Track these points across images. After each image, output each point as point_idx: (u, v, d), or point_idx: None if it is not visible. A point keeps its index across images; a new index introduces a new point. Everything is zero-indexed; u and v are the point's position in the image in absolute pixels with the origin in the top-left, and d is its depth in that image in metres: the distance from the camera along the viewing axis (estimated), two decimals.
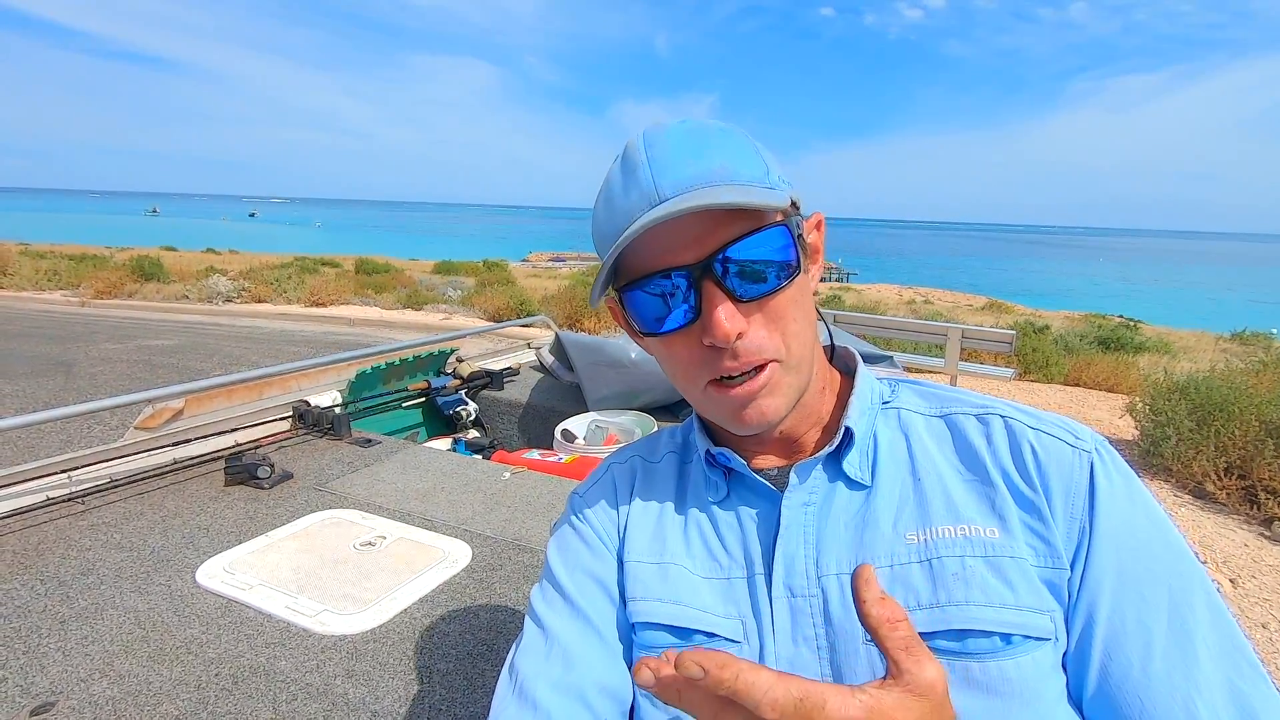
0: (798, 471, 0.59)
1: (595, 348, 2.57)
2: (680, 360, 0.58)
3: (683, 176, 0.53)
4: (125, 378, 6.48)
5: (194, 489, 1.73)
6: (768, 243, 0.54)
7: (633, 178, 0.55)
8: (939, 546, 0.54)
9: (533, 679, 0.58)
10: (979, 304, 19.45)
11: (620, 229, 0.54)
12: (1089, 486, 0.53)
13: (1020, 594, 0.51)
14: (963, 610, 0.51)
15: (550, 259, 37.40)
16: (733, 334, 0.53)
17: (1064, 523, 0.53)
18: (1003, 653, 0.50)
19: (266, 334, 9.64)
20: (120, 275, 13.73)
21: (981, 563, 0.52)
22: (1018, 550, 0.52)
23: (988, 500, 0.55)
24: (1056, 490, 0.54)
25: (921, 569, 0.53)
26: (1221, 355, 8.54)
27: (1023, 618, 0.50)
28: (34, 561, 1.36)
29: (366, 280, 14.27)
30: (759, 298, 0.54)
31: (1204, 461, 4.02)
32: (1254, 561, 3.31)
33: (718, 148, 0.55)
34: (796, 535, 0.58)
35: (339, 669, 1.06)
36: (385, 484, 1.79)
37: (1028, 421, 0.58)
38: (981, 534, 0.53)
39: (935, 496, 0.56)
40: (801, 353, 0.57)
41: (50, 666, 1.05)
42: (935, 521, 0.55)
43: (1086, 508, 0.53)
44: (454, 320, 11.25)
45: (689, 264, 0.54)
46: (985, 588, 0.51)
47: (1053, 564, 0.52)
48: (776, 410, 0.57)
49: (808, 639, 0.55)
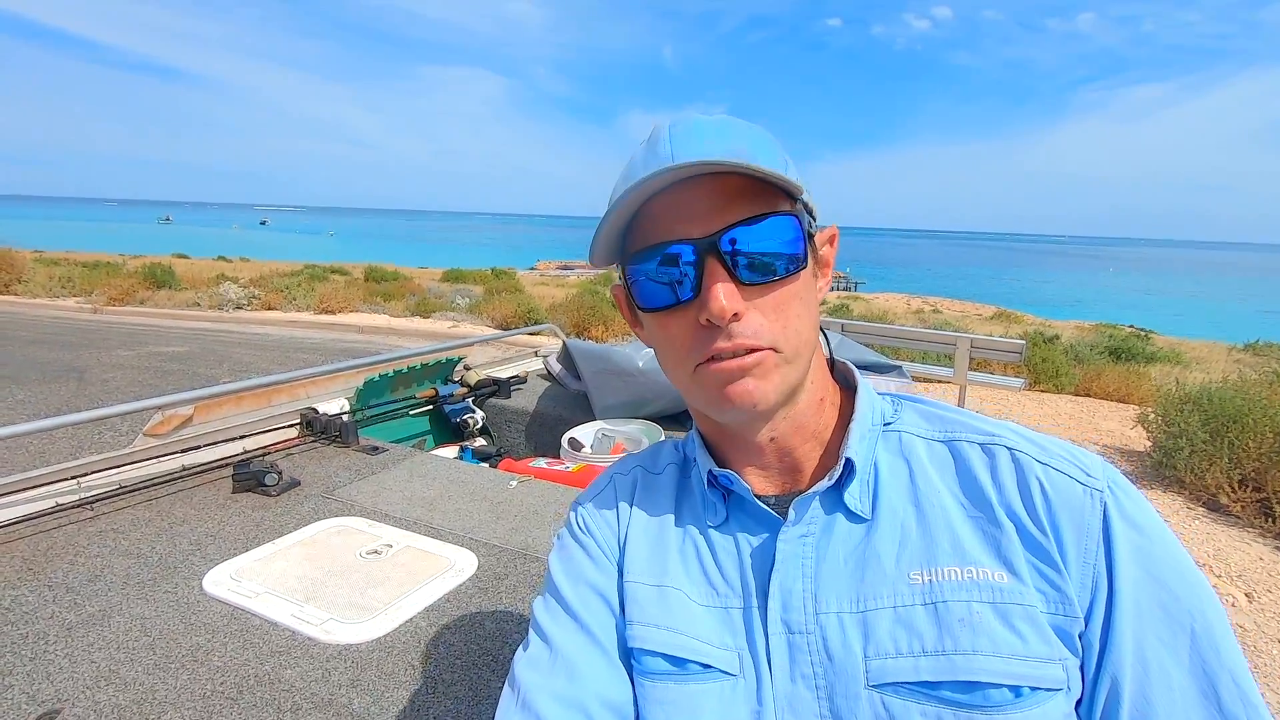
0: (796, 507, 0.57)
1: (603, 356, 2.57)
2: (674, 340, 0.57)
3: (702, 151, 0.52)
4: (136, 384, 6.53)
5: (202, 496, 1.73)
6: (776, 231, 0.54)
7: (653, 151, 0.54)
8: (945, 590, 0.52)
9: (535, 691, 0.58)
10: (988, 313, 19.37)
11: (629, 188, 0.53)
12: (1103, 531, 0.51)
13: (1030, 643, 0.49)
14: (969, 660, 0.49)
15: (558, 267, 37.54)
16: (729, 312, 0.52)
17: (1077, 569, 0.51)
18: (1012, 705, 0.48)
19: (276, 341, 9.70)
20: (132, 283, 13.88)
21: (989, 609, 0.50)
22: (1027, 597, 0.50)
23: (994, 542, 0.53)
24: (1068, 534, 0.52)
25: (926, 612, 0.52)
26: (1234, 366, 8.46)
27: (1032, 668, 0.49)
28: (42, 567, 1.36)
29: (375, 288, 14.36)
30: (761, 284, 0.54)
31: (1218, 474, 3.97)
32: (1269, 575, 3.26)
33: (741, 135, 0.55)
34: (794, 569, 0.56)
35: (344, 678, 1.06)
36: (392, 492, 1.79)
37: (1035, 455, 0.55)
38: (990, 578, 0.51)
39: (940, 534, 0.54)
40: (798, 347, 0.55)
41: (56, 673, 1.05)
42: (941, 561, 0.53)
43: (1102, 554, 0.51)
44: (462, 328, 11.29)
45: (696, 238, 0.53)
46: (993, 636, 0.49)
47: (1064, 611, 0.50)
48: (765, 395, 0.54)
49: (806, 677, 0.53)
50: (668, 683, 0.57)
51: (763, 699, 0.54)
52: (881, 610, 0.53)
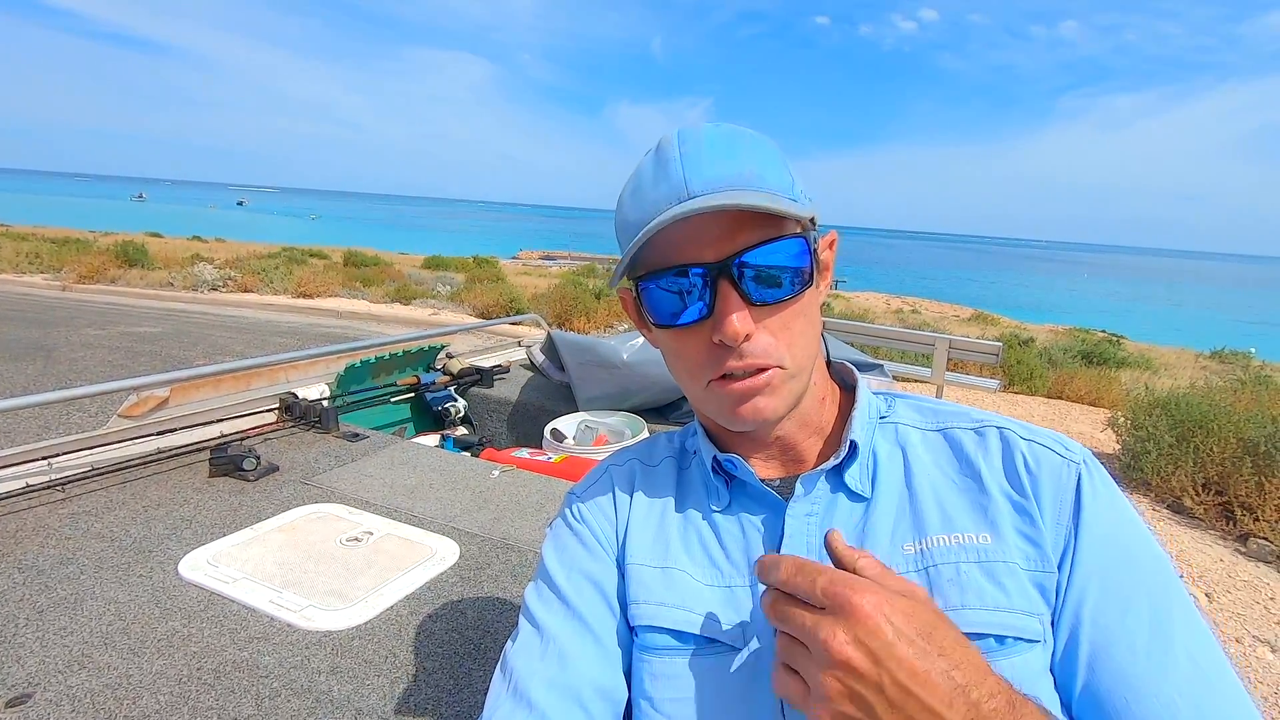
0: (803, 483, 0.61)
1: (587, 348, 2.57)
2: (688, 355, 0.60)
3: (713, 175, 0.55)
4: (107, 364, 6.38)
5: (178, 479, 1.70)
6: (785, 252, 0.56)
7: (664, 171, 0.57)
8: (934, 555, 0.56)
9: (528, 678, 0.59)
10: (966, 315, 19.62)
11: (647, 219, 0.55)
12: (1075, 494, 0.56)
13: (1013, 597, 0.53)
14: (959, 614, 0.52)
15: (541, 257, 37.28)
16: (741, 334, 0.55)
17: (1052, 527, 0.55)
18: (997, 653, 0.52)
19: (252, 324, 9.52)
20: (104, 260, 13.52)
21: (976, 568, 0.54)
22: (1010, 555, 0.55)
23: (980, 508, 0.57)
24: (1046, 496, 0.56)
25: (919, 578, 0.55)
26: (1201, 372, 8.67)
27: (1015, 620, 0.53)
28: (11, 550, 1.33)
29: (355, 273, 14.15)
30: (770, 304, 0.57)
31: (1183, 477, 4.08)
32: (1229, 576, 3.36)
33: (749, 153, 0.57)
34: (800, 546, 0.59)
35: (323, 665, 1.05)
36: (373, 479, 1.77)
37: (1021, 433, 0.61)
38: (975, 540, 0.56)
39: (930, 508, 0.58)
40: (803, 362, 0.59)
41: (27, 657, 1.03)
42: (930, 531, 0.57)
43: (1072, 514, 0.55)
44: (443, 316, 11.18)
45: (708, 262, 0.56)
46: (980, 591, 0.53)
47: (1042, 567, 0.54)
48: (774, 410, 0.58)
49: None
50: (675, 658, 0.59)
51: (766, 669, 0.56)
52: None
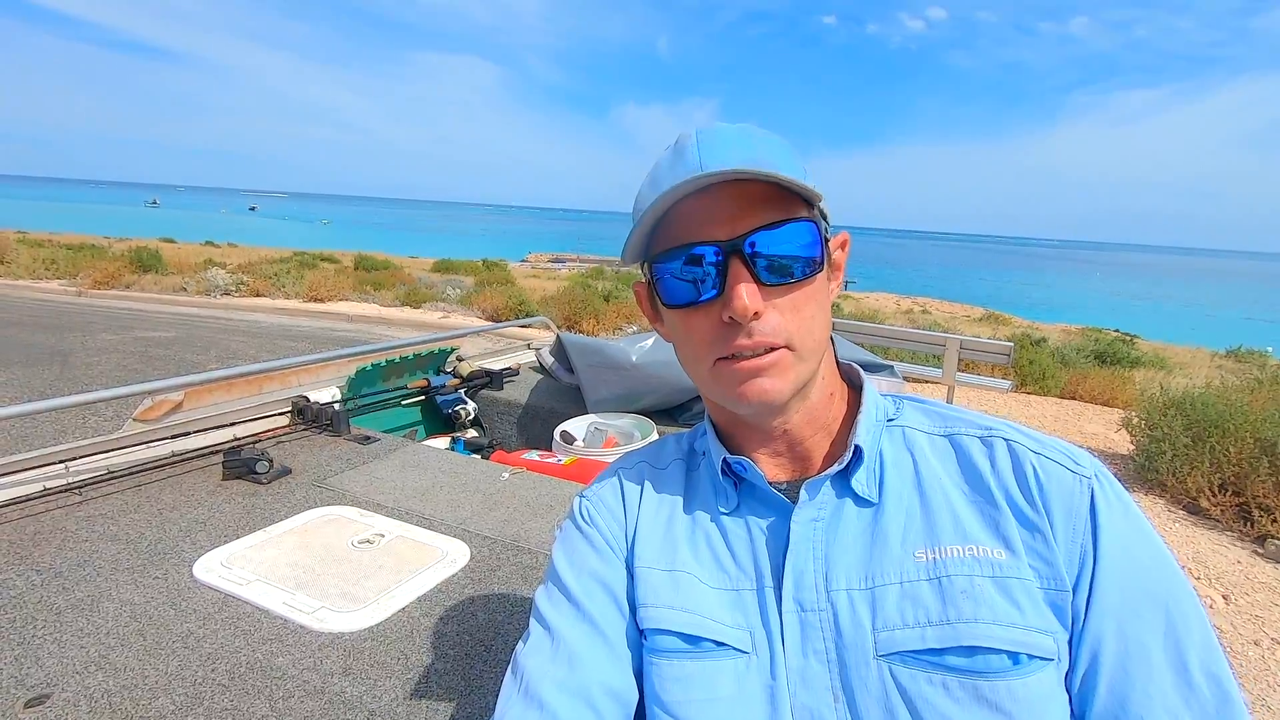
0: (807, 489, 0.61)
1: (596, 350, 2.57)
2: (696, 335, 0.60)
3: (728, 158, 0.55)
4: (121, 368, 6.45)
5: (192, 482, 1.72)
6: (796, 235, 0.57)
7: (680, 157, 0.58)
8: (948, 565, 0.55)
9: (538, 679, 0.59)
10: (977, 315, 19.49)
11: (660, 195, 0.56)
12: (1090, 511, 0.55)
13: (1027, 615, 0.53)
14: (972, 627, 0.52)
15: (550, 260, 37.35)
16: (750, 311, 0.55)
17: (1065, 545, 0.55)
18: (1011, 672, 0.51)
19: (264, 328, 9.61)
20: (118, 266, 13.69)
21: (990, 583, 0.54)
22: (1023, 572, 0.54)
23: (992, 522, 0.57)
24: (1058, 514, 0.56)
25: (931, 586, 0.55)
26: (1217, 372, 8.57)
27: (1030, 638, 0.52)
28: (30, 552, 1.35)
29: (365, 277, 14.25)
30: (780, 285, 0.57)
31: (1199, 478, 4.03)
32: (1247, 579, 3.32)
33: (763, 143, 0.59)
34: (806, 551, 0.59)
35: (336, 666, 1.06)
36: (384, 481, 1.78)
37: (1030, 445, 0.59)
38: (990, 554, 0.55)
39: (943, 515, 0.58)
40: (812, 345, 0.59)
41: (45, 658, 1.05)
42: (943, 540, 0.56)
43: (1089, 532, 0.55)
44: (452, 319, 11.23)
45: (721, 240, 0.56)
46: (993, 606, 0.53)
47: (1056, 586, 0.54)
48: (779, 391, 0.58)
49: (818, 652, 0.56)
50: (684, 660, 0.59)
51: (775, 673, 0.56)
52: (889, 586, 0.56)
